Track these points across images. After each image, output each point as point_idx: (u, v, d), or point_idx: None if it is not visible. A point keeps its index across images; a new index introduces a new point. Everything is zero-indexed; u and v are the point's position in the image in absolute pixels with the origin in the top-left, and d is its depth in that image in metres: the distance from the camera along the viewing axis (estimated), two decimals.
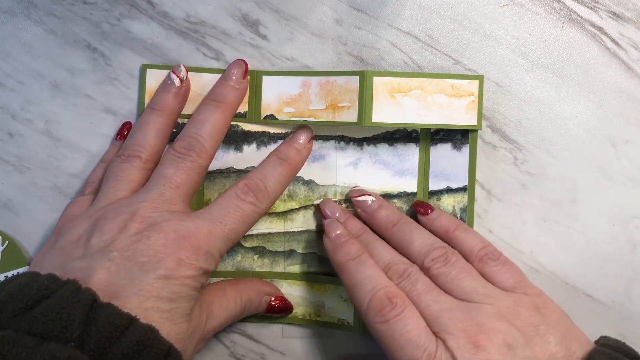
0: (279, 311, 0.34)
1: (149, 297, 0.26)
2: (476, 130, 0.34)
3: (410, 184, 0.35)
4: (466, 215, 0.34)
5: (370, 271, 0.29)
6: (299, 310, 0.35)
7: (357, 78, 0.32)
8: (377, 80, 0.32)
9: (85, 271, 0.26)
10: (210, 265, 0.29)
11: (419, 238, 0.31)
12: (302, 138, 0.34)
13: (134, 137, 0.32)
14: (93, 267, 0.26)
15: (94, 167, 0.35)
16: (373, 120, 0.32)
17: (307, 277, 0.35)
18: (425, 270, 0.30)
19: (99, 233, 0.28)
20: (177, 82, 0.33)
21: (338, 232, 0.32)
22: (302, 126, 0.34)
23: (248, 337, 0.35)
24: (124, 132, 0.34)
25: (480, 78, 0.33)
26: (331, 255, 0.31)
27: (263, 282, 0.34)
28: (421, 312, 0.28)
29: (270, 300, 0.34)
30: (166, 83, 0.33)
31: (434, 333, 0.27)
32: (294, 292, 0.35)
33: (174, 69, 0.33)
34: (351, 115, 0.32)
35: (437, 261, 0.29)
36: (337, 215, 0.33)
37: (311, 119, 0.33)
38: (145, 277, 0.26)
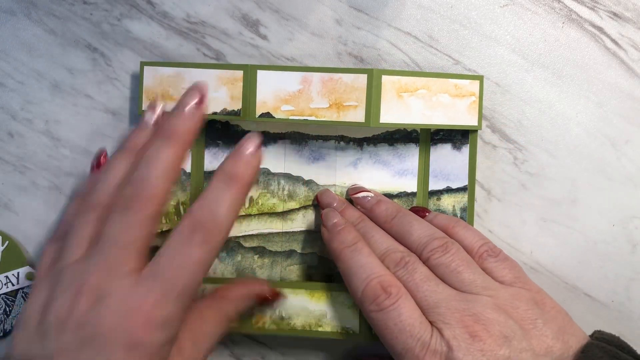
0: (272, 301, 0.33)
1: None
2: (476, 131, 0.34)
3: (410, 184, 0.34)
4: (466, 215, 0.34)
5: (365, 259, 0.29)
6: (297, 322, 0.33)
7: (365, 76, 0.32)
8: (385, 79, 0.32)
9: None
10: (169, 331, 0.26)
11: (418, 229, 0.31)
12: (250, 147, 0.28)
13: (97, 186, 0.29)
14: (50, 356, 0.25)
15: (70, 204, 0.33)
16: (381, 121, 0.32)
17: (307, 286, 0.33)
18: (424, 261, 0.29)
19: (53, 309, 0.26)
20: (150, 123, 0.31)
21: (335, 220, 0.32)
22: (247, 134, 0.29)
23: (248, 337, 0.35)
24: (100, 161, 0.33)
25: (480, 78, 0.33)
26: (328, 244, 0.31)
27: (248, 284, 0.32)
28: (418, 301, 0.27)
29: (261, 294, 0.32)
30: (141, 122, 0.31)
31: (431, 322, 0.27)
32: (292, 301, 0.33)
33: (149, 106, 0.31)
34: (357, 115, 0.32)
35: (437, 251, 0.29)
36: (335, 204, 0.33)
37: (312, 117, 0.32)
38: None
